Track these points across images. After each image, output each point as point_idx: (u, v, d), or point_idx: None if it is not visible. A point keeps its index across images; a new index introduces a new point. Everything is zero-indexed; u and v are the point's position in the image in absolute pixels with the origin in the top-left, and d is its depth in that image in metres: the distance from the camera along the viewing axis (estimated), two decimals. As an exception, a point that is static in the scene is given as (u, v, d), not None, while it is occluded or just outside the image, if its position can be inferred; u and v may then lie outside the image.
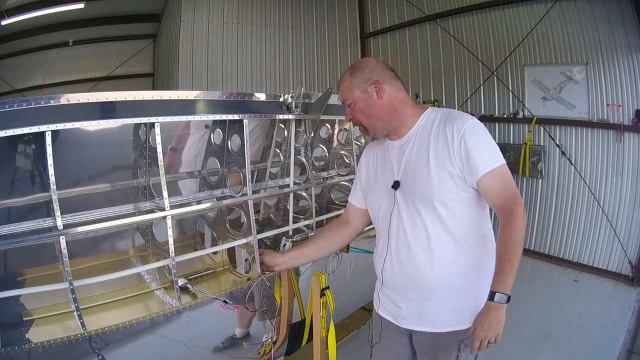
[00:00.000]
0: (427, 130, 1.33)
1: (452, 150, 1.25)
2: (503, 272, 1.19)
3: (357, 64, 1.41)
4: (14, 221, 1.58)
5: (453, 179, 1.26)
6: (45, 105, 1.41)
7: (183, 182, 2.37)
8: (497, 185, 1.25)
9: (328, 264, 2.33)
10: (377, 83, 1.35)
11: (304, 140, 2.37)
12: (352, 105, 1.40)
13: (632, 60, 3.93)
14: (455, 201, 1.28)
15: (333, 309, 1.98)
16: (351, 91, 1.38)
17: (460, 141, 1.24)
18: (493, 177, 1.24)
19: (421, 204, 1.30)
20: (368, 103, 1.37)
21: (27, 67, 6.93)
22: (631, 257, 4.09)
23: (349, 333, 2.97)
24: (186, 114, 1.79)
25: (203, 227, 2.40)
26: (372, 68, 1.37)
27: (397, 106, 1.37)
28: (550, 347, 2.96)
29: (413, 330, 1.40)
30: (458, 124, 1.27)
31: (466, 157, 1.24)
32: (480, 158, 1.23)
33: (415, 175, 1.32)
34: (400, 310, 1.41)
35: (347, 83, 1.39)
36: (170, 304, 1.81)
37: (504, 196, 1.25)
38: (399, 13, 6.26)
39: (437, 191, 1.27)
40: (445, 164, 1.26)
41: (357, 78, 1.37)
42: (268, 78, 6.38)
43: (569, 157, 4.47)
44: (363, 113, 1.39)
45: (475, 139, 1.24)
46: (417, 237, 1.31)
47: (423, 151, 1.31)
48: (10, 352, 1.45)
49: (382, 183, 1.42)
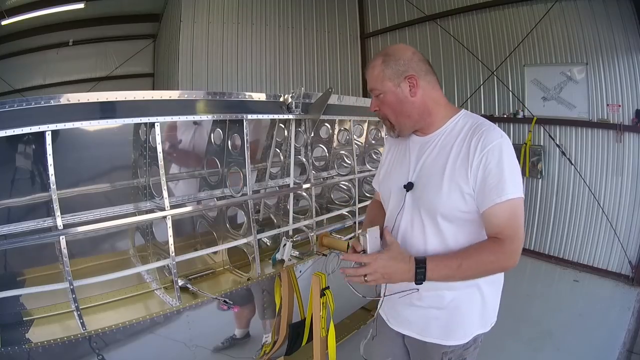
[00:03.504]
0: (454, 136, 1.22)
1: (470, 168, 1.14)
2: (446, 265, 1.11)
3: (392, 51, 1.25)
4: (14, 221, 1.58)
5: (464, 196, 1.16)
6: (45, 105, 1.42)
7: (182, 182, 2.37)
8: (503, 218, 1.11)
9: (328, 264, 2.33)
10: (413, 78, 1.21)
11: (304, 140, 2.37)
12: (381, 97, 1.26)
13: (632, 60, 3.93)
14: (460, 219, 1.19)
15: (333, 309, 1.98)
16: (382, 81, 1.23)
17: (481, 160, 1.12)
18: (501, 209, 1.10)
19: (425, 213, 1.22)
20: (399, 99, 1.23)
21: (27, 67, 6.93)
22: (631, 257, 4.09)
23: (349, 333, 2.97)
24: (186, 114, 1.79)
25: (204, 227, 2.40)
26: (408, 59, 1.22)
27: (429, 105, 1.25)
28: (550, 347, 2.96)
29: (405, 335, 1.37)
30: (485, 140, 1.14)
31: (482, 179, 1.12)
32: (495, 186, 1.10)
33: (427, 182, 1.23)
34: (394, 310, 1.38)
35: (379, 71, 1.24)
36: (170, 304, 1.81)
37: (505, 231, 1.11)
38: (399, 13, 6.27)
39: (443, 205, 1.18)
40: (459, 179, 1.16)
41: (390, 68, 1.22)
42: (268, 78, 6.38)
43: (569, 157, 4.47)
44: (392, 108, 1.26)
45: (497, 162, 1.11)
46: (414, 246, 1.25)
47: (442, 158, 1.21)
48: (10, 352, 1.45)
49: (397, 179, 1.33)
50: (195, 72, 5.77)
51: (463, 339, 1.26)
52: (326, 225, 2.69)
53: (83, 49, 7.27)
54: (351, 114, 2.70)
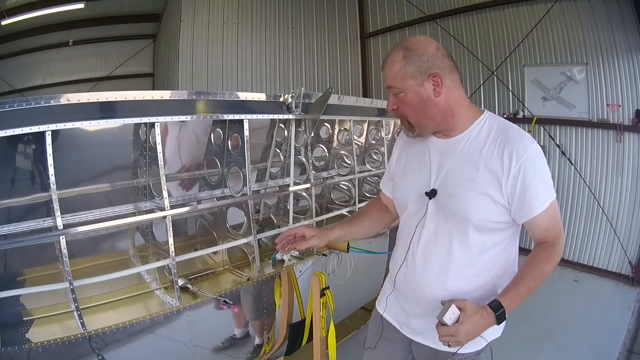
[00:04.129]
0: (481, 141, 1.14)
1: (506, 179, 1.09)
2: (518, 295, 1.09)
3: (413, 44, 1.13)
4: (14, 221, 1.58)
5: (497, 207, 1.11)
6: (45, 105, 1.41)
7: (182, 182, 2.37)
8: (546, 222, 1.13)
9: (328, 263, 2.33)
10: (437, 76, 1.11)
11: (304, 140, 2.37)
12: (401, 95, 1.15)
13: (632, 60, 3.93)
14: (491, 230, 1.15)
15: (333, 309, 1.98)
16: (403, 79, 1.12)
17: (519, 171, 1.08)
18: (545, 213, 1.11)
19: (454, 223, 1.15)
20: (422, 99, 1.13)
21: (27, 67, 6.93)
22: (631, 257, 4.09)
23: (349, 333, 2.97)
24: (186, 113, 1.79)
25: (204, 227, 2.40)
26: (432, 55, 1.12)
27: (453, 106, 1.16)
28: (550, 347, 2.96)
29: (413, 340, 1.34)
30: (519, 149, 1.09)
31: (521, 191, 1.09)
32: (537, 195, 1.09)
33: (455, 191, 1.15)
34: (406, 318, 1.34)
35: (399, 67, 1.12)
36: (170, 304, 1.81)
37: (550, 232, 1.15)
38: (399, 13, 6.27)
39: (475, 216, 1.12)
40: (492, 190, 1.10)
41: (412, 64, 1.11)
42: (268, 78, 6.38)
43: (569, 157, 4.47)
44: (413, 109, 1.16)
45: (534, 172, 1.08)
46: (437, 255, 1.19)
47: (471, 166, 1.13)
48: (10, 352, 1.45)
49: (415, 183, 1.24)
50: (195, 72, 5.78)
51: (478, 346, 1.23)
52: (326, 225, 2.69)
53: (83, 49, 7.27)
54: (351, 114, 2.70)
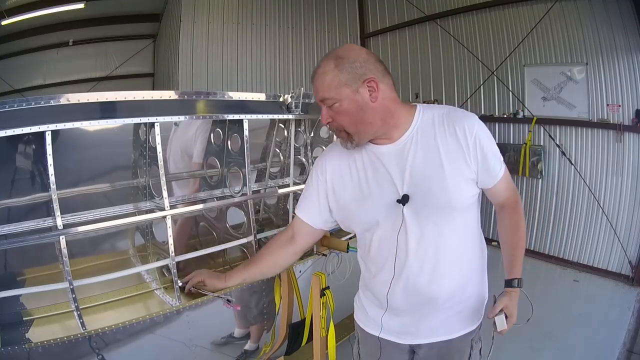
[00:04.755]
0: (428, 131, 1.16)
1: (467, 153, 1.14)
2: (517, 261, 1.26)
3: (344, 53, 1.12)
4: (14, 221, 1.58)
5: (468, 183, 1.17)
6: (45, 105, 1.41)
7: (182, 182, 2.37)
8: (505, 183, 1.28)
9: (328, 263, 2.32)
10: (373, 81, 1.11)
11: (304, 140, 2.37)
12: (336, 106, 1.12)
13: (632, 60, 3.92)
14: (470, 206, 1.21)
15: (333, 309, 1.98)
16: (338, 88, 1.10)
17: (475, 142, 1.14)
18: (504, 179, 1.26)
19: (440, 216, 1.16)
20: (359, 106, 1.11)
21: (27, 67, 6.93)
22: (631, 257, 4.09)
23: (349, 333, 2.96)
24: (186, 114, 1.79)
25: (203, 227, 2.40)
26: (364, 60, 1.11)
27: (390, 107, 1.16)
28: (550, 347, 2.96)
29: (420, 344, 1.30)
30: (468, 123, 1.15)
31: (483, 159, 1.16)
32: (495, 160, 1.20)
33: (429, 185, 1.14)
34: (406, 326, 1.29)
35: (332, 77, 1.10)
36: (170, 304, 1.81)
37: (509, 190, 1.31)
38: (399, 13, 6.26)
39: (456, 199, 1.15)
40: (461, 167, 1.15)
41: (346, 72, 1.09)
42: (268, 78, 6.38)
43: (569, 157, 4.47)
44: (351, 117, 1.13)
45: (487, 140, 1.18)
46: (432, 254, 1.19)
47: (432, 156, 1.15)
48: (10, 352, 1.45)
49: (378, 199, 1.19)
50: (195, 72, 5.77)
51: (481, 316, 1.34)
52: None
53: (83, 49, 7.27)
54: (351, 114, 2.70)
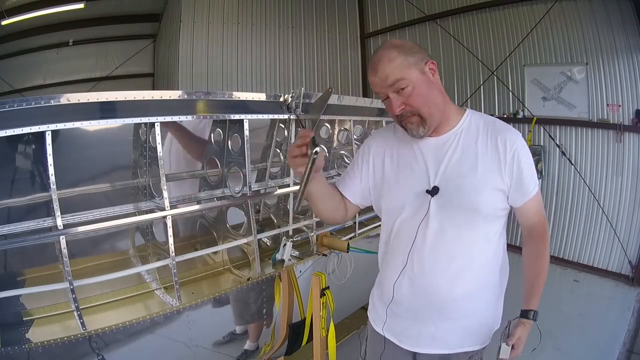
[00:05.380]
0: (473, 134, 1.18)
1: (504, 165, 1.14)
2: (536, 292, 1.22)
3: (399, 43, 1.15)
4: (14, 221, 1.58)
5: (500, 194, 1.16)
6: (45, 105, 1.41)
7: (182, 182, 2.37)
8: (536, 207, 1.23)
9: (328, 263, 2.33)
10: (433, 64, 1.14)
11: (304, 140, 2.36)
12: (409, 89, 1.11)
13: (632, 60, 3.93)
14: (496, 218, 1.19)
15: (333, 309, 1.98)
16: (409, 69, 1.10)
17: (514, 157, 1.14)
18: (534, 201, 1.21)
19: (463, 217, 1.16)
20: (428, 85, 1.13)
21: (27, 67, 6.92)
22: (631, 257, 4.09)
23: (349, 333, 2.97)
24: (186, 113, 1.79)
25: (204, 227, 2.40)
26: (419, 48, 1.15)
27: (445, 97, 1.19)
28: (550, 347, 2.96)
29: (419, 353, 1.28)
30: (510, 137, 1.16)
31: (518, 175, 1.15)
32: (530, 179, 1.17)
33: (460, 184, 1.15)
34: (407, 330, 1.27)
35: (401, 61, 1.10)
36: (170, 304, 1.81)
37: (539, 215, 1.24)
38: (399, 13, 6.26)
39: (481, 204, 1.15)
40: (494, 177, 1.15)
41: (411, 56, 1.11)
42: (268, 78, 6.38)
43: (569, 157, 4.47)
44: (423, 98, 1.12)
45: (526, 158, 1.16)
46: (446, 253, 1.18)
47: (470, 158, 1.16)
48: (10, 352, 1.45)
49: (410, 185, 1.21)
50: (195, 72, 5.77)
51: (487, 341, 1.28)
52: (326, 225, 2.69)
53: (83, 49, 7.25)
54: (351, 114, 2.70)
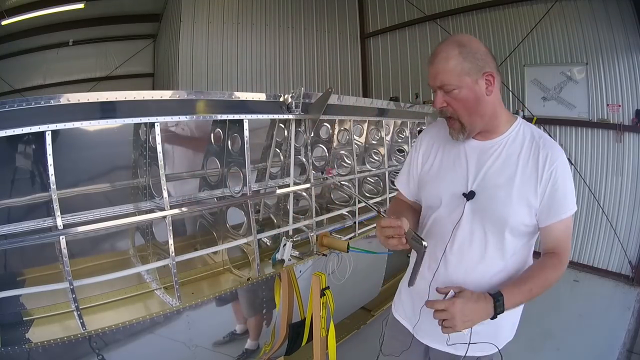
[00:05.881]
0: (518, 145, 1.17)
1: (539, 181, 1.12)
2: (519, 292, 1.11)
3: (466, 41, 1.13)
4: (14, 221, 1.58)
5: (530, 209, 1.14)
6: (45, 105, 1.41)
7: (182, 182, 2.37)
8: (561, 232, 1.16)
9: (328, 263, 2.33)
10: (491, 76, 1.12)
11: (304, 140, 2.37)
12: (455, 92, 1.12)
13: (632, 60, 3.93)
14: (523, 234, 1.18)
15: (333, 309, 1.98)
16: (460, 76, 1.10)
17: (551, 174, 1.12)
18: (563, 223, 1.15)
19: (491, 226, 1.16)
20: (477, 97, 1.12)
21: (27, 67, 6.92)
22: (631, 257, 4.09)
23: (349, 333, 2.97)
24: (186, 114, 1.79)
25: (203, 227, 2.40)
26: (484, 53, 1.12)
27: (497, 107, 1.18)
28: (550, 347, 2.96)
29: (431, 347, 1.31)
30: (553, 154, 1.13)
31: (551, 194, 1.12)
32: (562, 202, 1.13)
33: (494, 193, 1.15)
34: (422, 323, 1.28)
35: (456, 63, 1.10)
36: (170, 304, 1.81)
37: (561, 243, 1.17)
38: (399, 13, 6.26)
39: (513, 219, 1.14)
40: (528, 192, 1.13)
41: (469, 61, 1.10)
42: (268, 78, 6.38)
43: (569, 157, 4.47)
44: (467, 107, 1.14)
45: (564, 178, 1.13)
46: (472, 257, 1.19)
47: (509, 169, 1.15)
48: (10, 352, 1.45)
49: (450, 183, 1.23)
50: (195, 72, 5.77)
51: (496, 348, 1.25)
52: (326, 225, 2.69)
53: (83, 49, 7.26)
54: (351, 114, 2.70)
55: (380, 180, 3.18)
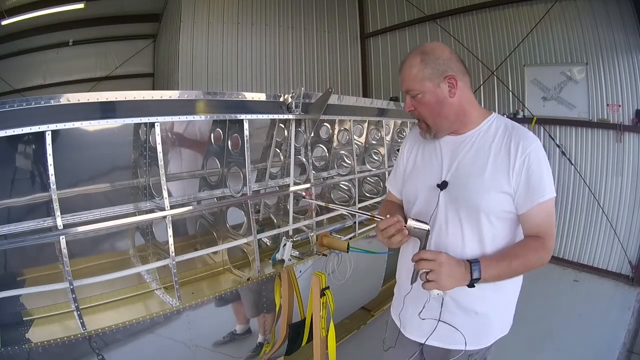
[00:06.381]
0: (490, 137, 1.23)
1: (512, 169, 1.16)
2: (498, 265, 1.14)
3: (429, 49, 1.22)
4: (14, 221, 1.58)
5: (504, 195, 1.18)
6: (45, 105, 1.42)
7: (182, 182, 2.37)
8: (540, 218, 1.18)
9: (328, 263, 2.33)
10: (452, 78, 1.20)
11: (304, 140, 2.37)
12: (419, 97, 1.22)
13: (632, 60, 3.93)
14: (499, 218, 1.20)
15: (333, 309, 1.98)
16: (422, 82, 1.20)
17: (524, 161, 1.16)
18: (541, 209, 1.17)
19: (466, 213, 1.20)
20: (439, 100, 1.21)
21: (27, 67, 6.93)
22: (631, 257, 4.09)
23: (349, 333, 2.97)
24: (186, 113, 1.79)
25: (204, 227, 2.40)
26: (447, 58, 1.21)
27: (465, 107, 1.25)
28: (550, 347, 2.96)
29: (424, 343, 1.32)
30: (525, 142, 1.17)
31: (525, 180, 1.16)
32: (537, 187, 1.16)
33: (466, 182, 1.21)
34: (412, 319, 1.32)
35: (417, 70, 1.20)
36: (170, 304, 1.81)
37: (542, 229, 1.19)
38: (399, 13, 6.27)
39: (486, 205, 1.18)
40: (500, 179, 1.17)
41: (430, 67, 1.19)
42: (268, 78, 6.38)
43: (569, 157, 4.47)
44: (430, 110, 1.23)
45: (537, 165, 1.16)
46: (450, 244, 1.22)
47: (481, 158, 1.21)
48: (10, 352, 1.45)
49: (425, 177, 1.30)
50: (195, 72, 5.78)
51: (487, 343, 1.28)
52: (326, 225, 2.69)
53: (83, 49, 7.27)
54: (351, 114, 2.70)
55: (380, 180, 3.18)
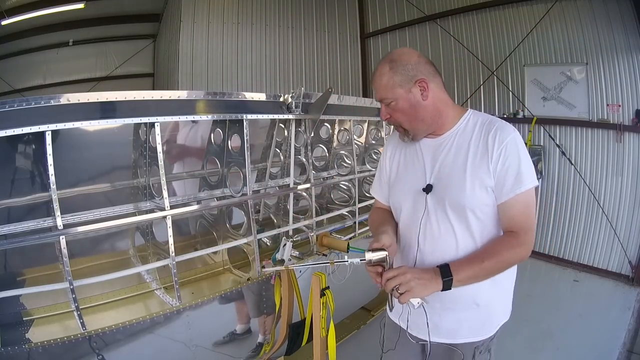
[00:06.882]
0: (468, 134, 1.25)
1: (491, 160, 1.18)
2: (470, 265, 1.15)
3: (396, 56, 1.24)
4: (14, 221, 1.58)
5: (487, 189, 1.19)
6: (45, 105, 1.42)
7: (182, 182, 2.37)
8: (516, 210, 1.18)
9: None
10: (423, 82, 1.22)
11: (304, 140, 2.37)
12: (392, 104, 1.25)
13: (632, 60, 3.93)
14: (485, 213, 1.21)
15: (333, 309, 1.98)
16: (393, 89, 1.22)
17: (500, 153, 1.17)
18: (517, 200, 1.17)
19: (453, 211, 1.22)
20: (412, 104, 1.23)
21: (27, 67, 6.93)
22: (631, 257, 4.09)
23: (349, 333, 2.97)
24: (186, 114, 1.79)
25: (204, 227, 2.40)
26: (415, 63, 1.22)
27: (440, 107, 1.26)
28: (550, 347, 2.96)
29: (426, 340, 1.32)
30: (502, 134, 1.19)
31: (503, 171, 1.17)
32: (517, 177, 1.16)
33: (449, 181, 1.23)
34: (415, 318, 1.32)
35: (387, 79, 1.22)
36: (170, 304, 1.81)
37: (518, 222, 1.18)
38: (399, 13, 6.26)
39: (470, 200, 1.19)
40: (481, 173, 1.19)
41: (399, 74, 1.21)
42: (268, 78, 6.38)
43: (569, 157, 4.47)
44: (405, 115, 1.25)
45: (515, 156, 1.17)
46: (445, 245, 1.24)
47: (461, 156, 1.23)
48: (10, 352, 1.45)
49: (410, 182, 1.32)
50: (195, 72, 5.77)
51: (491, 332, 1.30)
52: (326, 225, 2.69)
53: (83, 49, 7.27)
54: (351, 114, 2.70)
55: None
